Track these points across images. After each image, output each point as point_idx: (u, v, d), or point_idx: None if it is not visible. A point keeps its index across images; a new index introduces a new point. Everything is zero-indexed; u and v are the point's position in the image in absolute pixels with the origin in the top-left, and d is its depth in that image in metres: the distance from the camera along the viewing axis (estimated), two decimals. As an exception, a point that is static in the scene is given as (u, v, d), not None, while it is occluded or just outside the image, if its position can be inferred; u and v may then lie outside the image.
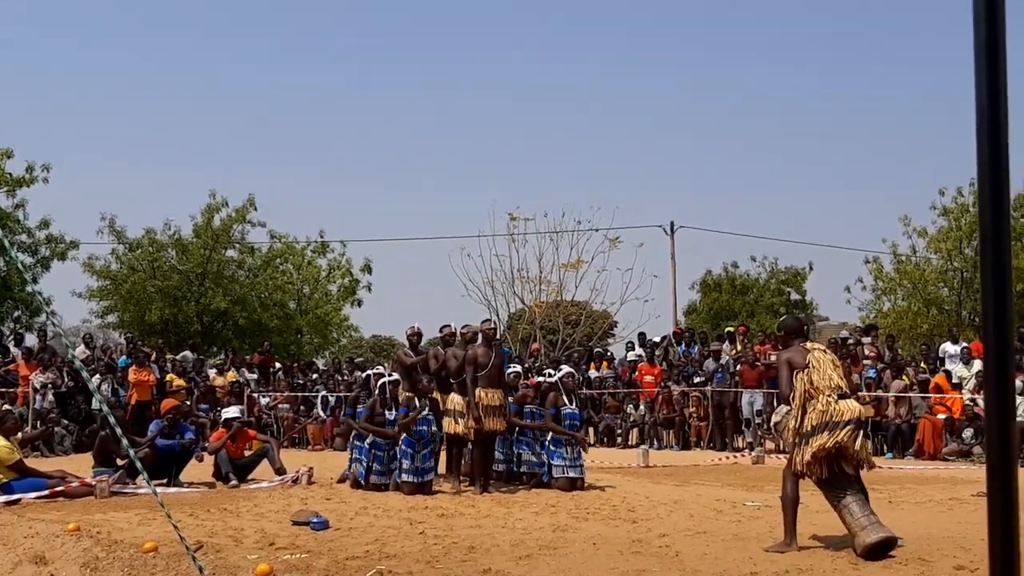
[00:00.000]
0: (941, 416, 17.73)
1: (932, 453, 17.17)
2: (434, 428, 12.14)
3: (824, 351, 7.91)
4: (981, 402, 17.54)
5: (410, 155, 74.85)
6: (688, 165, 70.43)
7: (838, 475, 7.50)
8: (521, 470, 12.66)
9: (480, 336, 12.32)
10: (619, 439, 21.01)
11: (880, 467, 15.54)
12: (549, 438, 12.30)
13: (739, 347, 21.53)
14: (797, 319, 8.85)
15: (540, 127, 73.11)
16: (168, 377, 20.56)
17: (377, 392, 12.59)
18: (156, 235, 31.68)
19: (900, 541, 7.52)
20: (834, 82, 68.25)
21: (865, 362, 20.14)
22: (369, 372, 14.41)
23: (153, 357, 21.36)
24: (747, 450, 18.45)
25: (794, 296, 38.95)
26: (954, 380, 18.72)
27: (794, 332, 8.24)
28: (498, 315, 29.54)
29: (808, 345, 7.95)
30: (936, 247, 30.18)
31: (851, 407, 7.53)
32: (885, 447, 18.20)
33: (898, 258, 31.32)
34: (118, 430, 4.53)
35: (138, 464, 4.36)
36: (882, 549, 7.28)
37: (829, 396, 7.54)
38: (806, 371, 7.67)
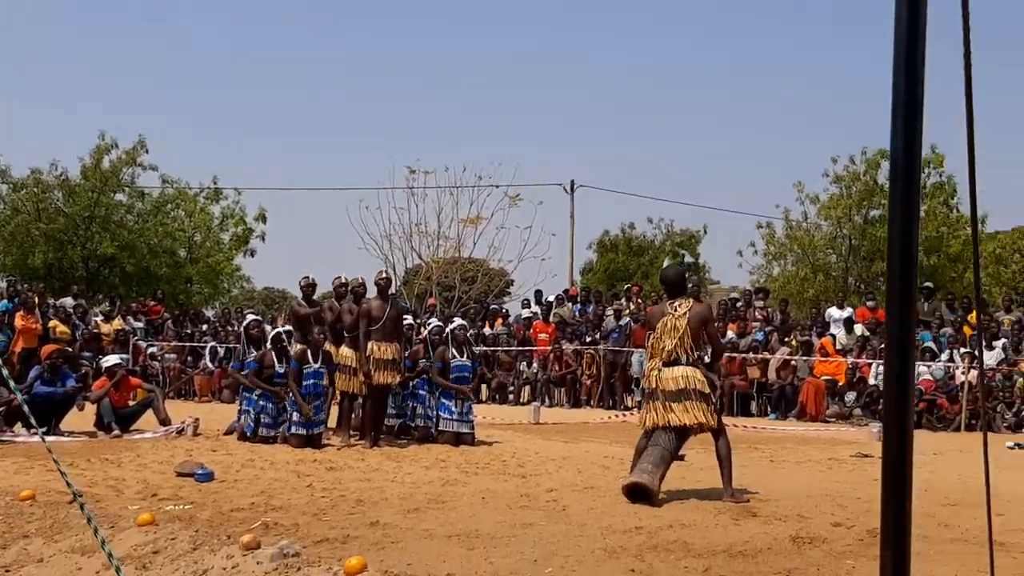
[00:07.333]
0: (824, 379, 18.20)
1: (814, 415, 17.63)
2: (325, 381, 11.99)
3: (683, 315, 7.93)
4: (873, 368, 18.14)
5: (310, 103, 73.76)
6: (589, 125, 70.80)
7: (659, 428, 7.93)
8: (415, 424, 12.59)
9: (376, 288, 12.14)
10: (511, 396, 21.12)
11: (763, 428, 16.01)
12: (439, 391, 12.27)
13: (632, 307, 21.77)
14: (676, 270, 8.82)
15: (444, 81, 72.62)
16: (51, 323, 19.91)
17: (269, 344, 12.35)
18: (42, 176, 30.83)
19: (654, 496, 7.70)
20: (737, 47, 69.26)
21: (754, 324, 20.55)
22: (247, 322, 14.07)
23: (36, 303, 20.63)
24: (636, 409, 18.66)
25: (688, 259, 39.48)
26: (838, 346, 19.24)
27: (669, 286, 8.30)
28: (395, 269, 29.22)
29: (676, 304, 8.05)
30: (827, 214, 30.81)
31: (672, 376, 7.87)
32: (768, 408, 18.63)
33: (789, 224, 31.93)
34: (4, 372, 4.30)
35: (25, 409, 4.18)
36: (634, 493, 7.65)
37: (656, 363, 7.96)
38: (653, 333, 8.05)
